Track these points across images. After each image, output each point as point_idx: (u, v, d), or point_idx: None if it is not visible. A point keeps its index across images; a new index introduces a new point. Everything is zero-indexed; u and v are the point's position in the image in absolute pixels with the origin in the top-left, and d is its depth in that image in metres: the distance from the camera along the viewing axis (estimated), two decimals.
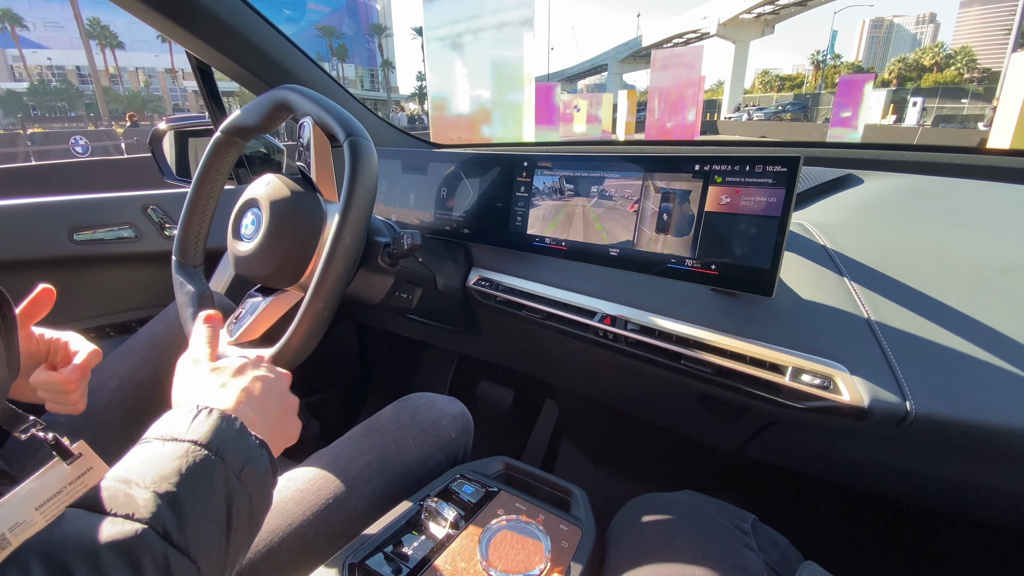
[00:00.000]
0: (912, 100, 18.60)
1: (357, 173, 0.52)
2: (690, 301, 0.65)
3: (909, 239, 0.62)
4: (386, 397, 1.49)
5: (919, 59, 57.82)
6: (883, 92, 19.12)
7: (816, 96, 33.89)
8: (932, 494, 0.68)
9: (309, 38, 62.64)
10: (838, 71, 59.05)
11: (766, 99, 40.34)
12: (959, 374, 0.49)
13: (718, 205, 0.58)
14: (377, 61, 70.11)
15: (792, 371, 0.55)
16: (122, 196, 1.07)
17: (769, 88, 67.03)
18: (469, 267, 0.90)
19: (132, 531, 0.30)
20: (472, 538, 0.51)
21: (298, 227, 0.60)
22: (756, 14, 44.62)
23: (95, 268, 1.04)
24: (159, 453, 0.35)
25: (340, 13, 66.35)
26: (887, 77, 57.66)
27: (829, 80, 54.53)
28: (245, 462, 0.37)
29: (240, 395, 0.42)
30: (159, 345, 0.79)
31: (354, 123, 0.55)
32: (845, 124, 10.74)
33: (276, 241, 0.60)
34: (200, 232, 0.70)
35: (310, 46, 63.29)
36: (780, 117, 29.80)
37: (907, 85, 45.68)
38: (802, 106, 32.04)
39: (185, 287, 0.66)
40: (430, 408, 0.69)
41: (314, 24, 63.36)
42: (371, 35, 67.69)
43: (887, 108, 18.58)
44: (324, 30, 62.35)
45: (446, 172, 0.88)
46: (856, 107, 10.59)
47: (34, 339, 0.55)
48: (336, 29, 63.75)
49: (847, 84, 11.21)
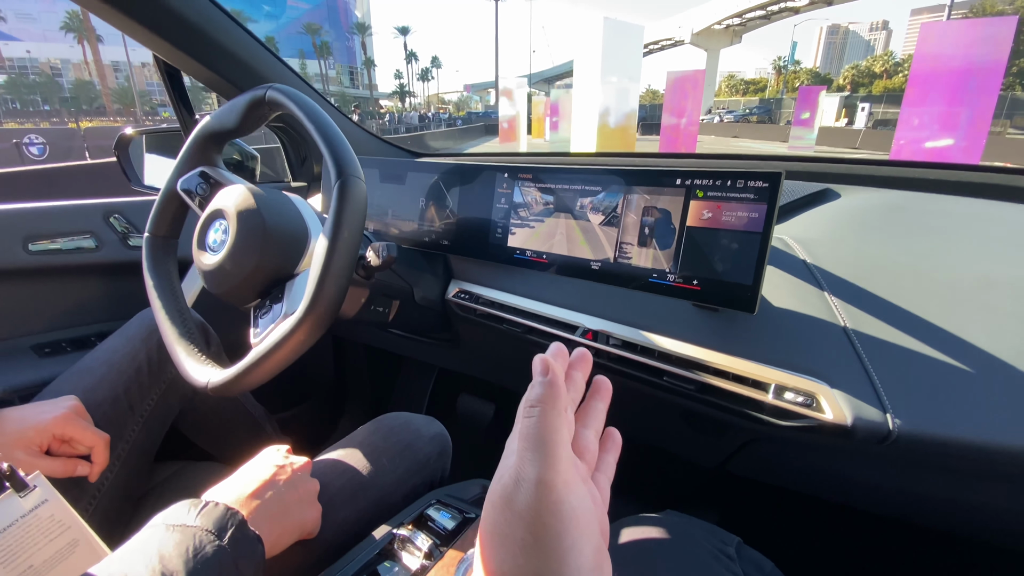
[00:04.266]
0: (861, 105, 21.36)
1: (342, 222, 0.51)
2: (672, 316, 0.64)
3: (887, 253, 0.62)
4: (363, 411, 1.45)
5: (870, 66, 61.02)
6: (836, 98, 21.17)
7: (779, 101, 37.06)
8: (917, 511, 0.68)
9: (292, 35, 62.79)
10: (798, 77, 62.37)
11: (734, 103, 43.13)
12: (940, 390, 0.49)
13: (700, 220, 0.57)
14: (359, 59, 70.54)
15: (775, 388, 0.54)
16: (83, 204, 1.02)
17: (735, 92, 69.86)
18: (448, 279, 0.88)
19: None
20: (448, 569, 0.48)
21: (266, 241, 0.57)
22: (726, 25, 47.77)
23: (51, 280, 0.98)
24: (166, 537, 0.38)
25: (320, 11, 66.55)
26: (842, 83, 60.81)
27: (790, 85, 57.32)
28: (244, 552, 0.40)
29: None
30: (118, 363, 0.75)
31: (351, 161, 0.53)
32: (805, 124, 13.57)
33: (244, 254, 0.57)
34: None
35: (293, 43, 63.77)
36: (748, 119, 32.42)
37: (860, 91, 48.39)
38: (767, 110, 35.23)
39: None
40: (406, 429, 0.67)
41: (293, 21, 63.42)
42: (352, 33, 68.11)
43: (840, 112, 20.83)
44: (308, 28, 62.44)
45: (426, 182, 0.86)
46: (813, 111, 13.44)
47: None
48: (320, 27, 64.05)
49: (805, 92, 14.35)
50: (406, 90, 74.15)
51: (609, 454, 0.33)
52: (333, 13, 67.80)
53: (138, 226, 1.07)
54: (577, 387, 0.33)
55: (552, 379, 0.26)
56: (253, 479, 0.49)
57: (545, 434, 0.25)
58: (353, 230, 0.52)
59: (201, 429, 0.89)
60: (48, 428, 0.60)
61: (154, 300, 0.66)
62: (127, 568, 0.34)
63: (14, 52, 53.47)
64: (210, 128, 0.67)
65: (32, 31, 54.73)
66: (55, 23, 51.98)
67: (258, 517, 0.45)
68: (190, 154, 0.69)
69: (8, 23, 52.68)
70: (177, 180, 0.68)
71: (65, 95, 48.02)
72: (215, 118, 0.66)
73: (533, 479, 0.24)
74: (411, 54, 74.17)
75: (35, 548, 0.48)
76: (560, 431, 0.25)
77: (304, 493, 0.51)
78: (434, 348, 1.04)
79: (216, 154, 0.70)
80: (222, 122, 0.65)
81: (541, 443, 0.25)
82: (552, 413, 0.25)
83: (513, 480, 0.25)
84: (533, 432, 0.25)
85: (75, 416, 0.63)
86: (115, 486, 0.70)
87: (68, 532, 0.50)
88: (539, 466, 0.24)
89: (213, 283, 0.60)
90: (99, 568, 0.35)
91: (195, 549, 0.37)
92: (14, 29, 54.09)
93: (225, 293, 0.60)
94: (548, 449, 0.25)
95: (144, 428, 0.75)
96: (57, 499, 0.51)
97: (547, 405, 0.26)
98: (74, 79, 52.84)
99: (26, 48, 54.03)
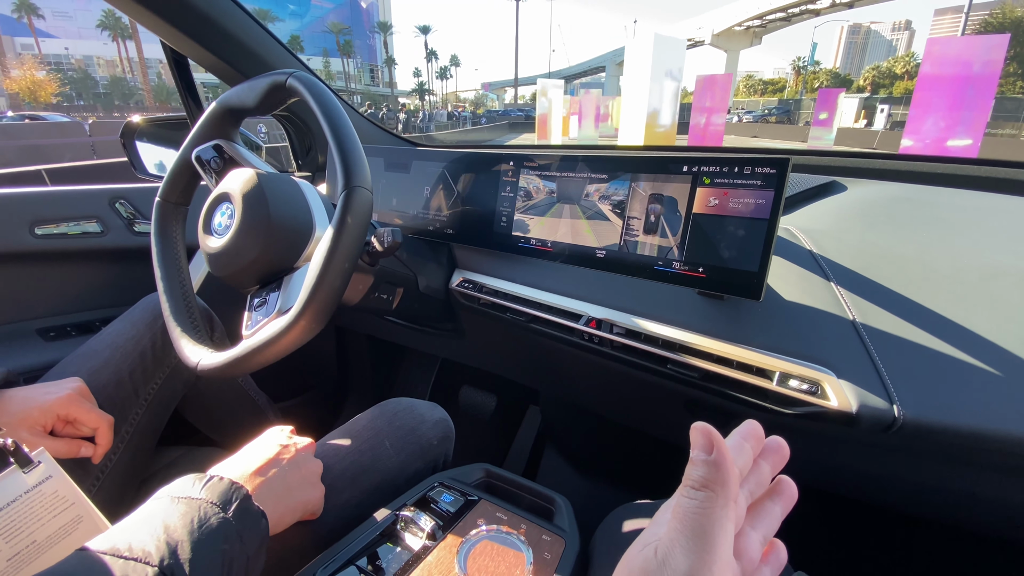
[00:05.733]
0: (880, 107, 21.54)
1: (343, 233, 0.51)
2: (677, 304, 0.63)
3: (894, 244, 0.62)
4: (365, 402, 1.45)
5: (892, 67, 60.29)
6: (856, 99, 21.19)
7: (798, 101, 36.46)
8: (922, 502, 0.68)
9: (315, 34, 63.92)
10: (818, 77, 61.89)
11: (753, 103, 42.73)
12: (945, 380, 0.49)
13: (706, 207, 0.57)
14: (380, 58, 71.79)
15: (779, 376, 0.54)
16: (89, 189, 1.02)
17: (753, 92, 69.28)
18: (452, 268, 0.88)
19: (143, 574, 0.32)
20: (450, 550, 0.48)
21: (270, 229, 0.57)
22: (746, 27, 47.79)
23: (57, 264, 0.99)
24: (171, 508, 0.38)
25: (343, 10, 67.72)
26: (862, 84, 60.19)
27: (809, 86, 56.92)
28: (248, 525, 0.40)
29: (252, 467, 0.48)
30: (123, 346, 0.75)
31: (360, 170, 0.54)
32: (824, 124, 14.21)
33: (247, 240, 0.57)
34: None
35: (317, 42, 65.65)
36: (767, 120, 32.36)
37: (880, 92, 47.99)
38: (785, 110, 34.97)
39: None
40: (409, 414, 0.67)
41: (317, 20, 64.68)
42: (374, 32, 69.34)
43: (859, 113, 20.91)
44: (332, 27, 63.65)
45: (430, 171, 0.86)
46: (832, 112, 14.11)
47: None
48: (344, 26, 65.30)
49: (825, 94, 15.08)
50: (425, 88, 75.08)
51: (768, 568, 0.27)
52: (356, 13, 69.01)
53: (144, 212, 1.07)
54: (761, 480, 0.28)
55: (720, 461, 0.24)
56: (257, 457, 0.49)
57: (707, 526, 0.23)
58: (353, 240, 0.52)
59: (205, 415, 0.89)
60: (52, 408, 0.60)
61: (158, 268, 0.67)
62: (131, 538, 0.35)
63: (50, 49, 55.42)
64: (229, 102, 0.67)
65: (68, 28, 56.82)
66: (89, 21, 54.06)
67: (262, 493, 0.45)
68: (208, 125, 0.69)
69: (47, 21, 54.08)
70: (192, 149, 0.68)
71: (99, 91, 49.18)
72: (234, 93, 0.66)
73: (683, 571, 0.22)
74: (431, 52, 75.14)
75: (38, 524, 0.48)
76: (725, 527, 0.23)
77: (307, 473, 0.51)
78: (437, 338, 1.04)
79: (233, 129, 0.70)
80: (241, 99, 0.65)
81: (701, 535, 0.22)
82: (719, 503, 0.23)
83: (659, 561, 0.23)
84: (694, 519, 0.23)
85: (79, 397, 0.63)
86: (119, 468, 0.71)
87: (72, 508, 0.51)
88: (692, 560, 0.22)
89: (216, 266, 0.61)
90: (104, 538, 0.35)
91: (200, 520, 0.37)
92: (51, 27, 56.08)
93: (227, 276, 0.60)
94: (706, 544, 0.22)
95: (148, 411, 0.75)
96: (61, 475, 0.51)
97: (716, 494, 0.23)
98: (108, 75, 54.77)
99: (64, 45, 56.03)
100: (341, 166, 0.53)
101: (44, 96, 40.18)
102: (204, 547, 0.36)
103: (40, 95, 39.97)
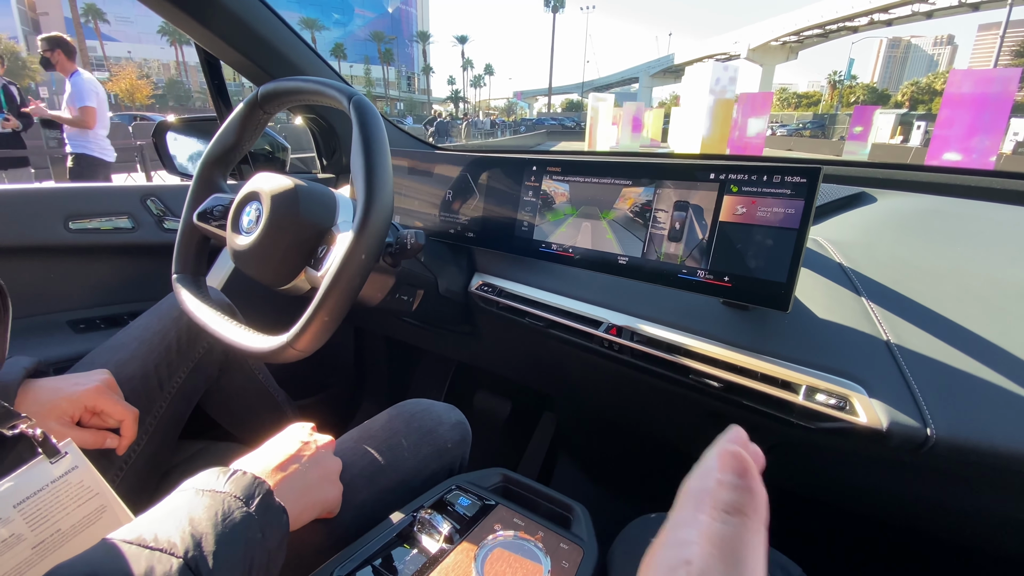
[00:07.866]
0: (917, 123, 21.02)
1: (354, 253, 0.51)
2: (700, 313, 0.63)
3: (926, 259, 0.60)
4: (380, 403, 1.46)
5: (931, 83, 59.07)
6: (892, 115, 20.95)
7: (832, 116, 35.96)
8: (951, 525, 0.65)
9: (359, 41, 66.45)
10: (854, 92, 60.91)
11: (787, 117, 42.19)
12: (980, 399, 0.47)
13: (733, 215, 0.56)
14: (417, 65, 74.00)
15: (806, 390, 0.53)
16: (121, 186, 1.06)
17: (787, 105, 68.36)
18: (472, 272, 0.88)
19: (168, 565, 0.33)
20: (467, 554, 0.48)
21: (300, 224, 0.58)
22: (783, 42, 47.50)
23: (89, 258, 1.02)
24: (196, 501, 0.38)
25: (384, 19, 70.19)
26: (900, 99, 58.96)
27: (844, 100, 55.95)
28: (270, 520, 0.41)
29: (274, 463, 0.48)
30: (149, 339, 0.76)
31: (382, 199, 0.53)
32: (859, 139, 14.58)
33: (277, 235, 0.58)
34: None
35: (359, 50, 69.22)
36: (801, 134, 31.92)
37: (919, 108, 46.76)
38: (820, 124, 34.41)
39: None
40: (427, 415, 0.67)
41: (359, 28, 67.26)
42: (413, 41, 71.65)
43: (895, 129, 20.75)
44: (374, 36, 65.99)
45: (452, 174, 0.86)
46: (868, 127, 14.47)
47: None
48: (386, 35, 67.76)
49: (860, 110, 15.58)
50: (459, 96, 77.16)
51: None
52: (396, 22, 71.36)
53: (174, 210, 1.10)
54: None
55: (753, 486, 0.23)
56: (279, 452, 0.49)
57: (742, 552, 0.22)
58: (367, 257, 0.52)
59: (225, 409, 0.90)
60: (80, 399, 0.61)
61: (210, 319, 0.64)
62: (157, 529, 0.35)
63: (113, 51, 58.44)
64: (213, 155, 0.70)
65: (129, 32, 59.64)
66: (149, 26, 57.34)
67: (283, 489, 0.45)
68: (198, 188, 0.71)
69: (111, 25, 57.07)
70: (192, 214, 0.70)
71: (158, 92, 51.91)
72: (216, 142, 0.69)
73: None
74: (468, 61, 77.21)
75: (63, 513, 0.49)
76: (759, 552, 0.23)
77: (327, 471, 0.51)
78: (454, 341, 1.04)
79: (223, 179, 0.73)
80: (224, 143, 0.68)
81: (738, 562, 0.22)
82: (755, 530, 0.23)
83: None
84: (730, 546, 0.22)
85: (107, 389, 0.64)
86: (141, 460, 0.72)
87: (96, 499, 0.52)
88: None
89: (244, 264, 0.62)
90: (130, 528, 0.36)
91: (224, 514, 0.37)
92: (114, 31, 59.07)
93: (256, 275, 0.61)
94: (743, 571, 0.22)
95: (171, 404, 0.76)
96: (87, 466, 0.52)
97: (752, 519, 0.23)
98: (165, 79, 58.03)
99: (127, 48, 59.20)
100: (363, 188, 0.52)
101: (140, 98, 42.61)
102: (228, 540, 0.36)
103: (137, 97, 42.46)
